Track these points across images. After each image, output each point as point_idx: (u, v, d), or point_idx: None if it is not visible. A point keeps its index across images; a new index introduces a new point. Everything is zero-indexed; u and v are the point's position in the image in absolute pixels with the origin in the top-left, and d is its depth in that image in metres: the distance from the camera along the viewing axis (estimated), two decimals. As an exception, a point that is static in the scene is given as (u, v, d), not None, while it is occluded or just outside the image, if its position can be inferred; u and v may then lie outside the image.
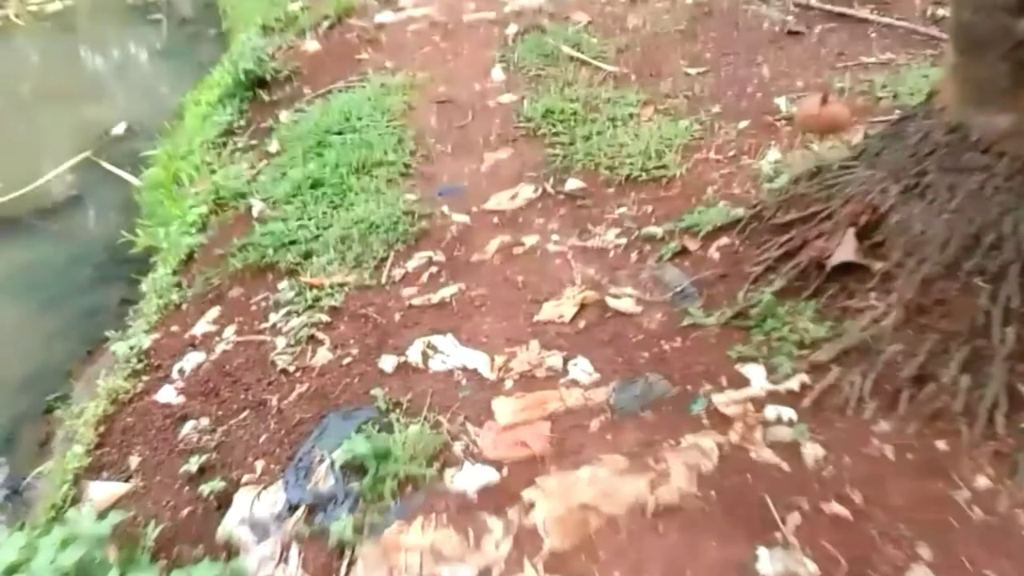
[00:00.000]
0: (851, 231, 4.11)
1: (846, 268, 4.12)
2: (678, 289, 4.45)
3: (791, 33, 7.52)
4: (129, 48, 12.07)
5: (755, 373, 3.88)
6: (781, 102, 6.20)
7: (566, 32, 7.71)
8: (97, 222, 7.57)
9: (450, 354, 4.27)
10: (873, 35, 7.41)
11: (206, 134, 7.67)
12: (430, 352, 4.30)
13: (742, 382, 3.86)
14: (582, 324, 4.36)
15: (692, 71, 6.91)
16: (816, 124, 5.72)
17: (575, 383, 3.99)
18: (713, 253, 4.69)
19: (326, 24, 8.81)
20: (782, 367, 3.86)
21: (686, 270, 4.60)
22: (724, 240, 4.74)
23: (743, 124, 5.96)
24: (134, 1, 12.97)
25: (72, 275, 6.60)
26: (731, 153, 5.62)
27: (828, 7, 7.84)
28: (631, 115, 6.22)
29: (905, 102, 5.96)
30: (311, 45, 8.49)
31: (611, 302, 4.44)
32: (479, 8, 8.67)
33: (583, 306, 4.45)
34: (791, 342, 3.97)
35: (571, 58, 7.23)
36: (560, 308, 4.46)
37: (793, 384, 3.78)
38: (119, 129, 9.10)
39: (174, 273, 5.78)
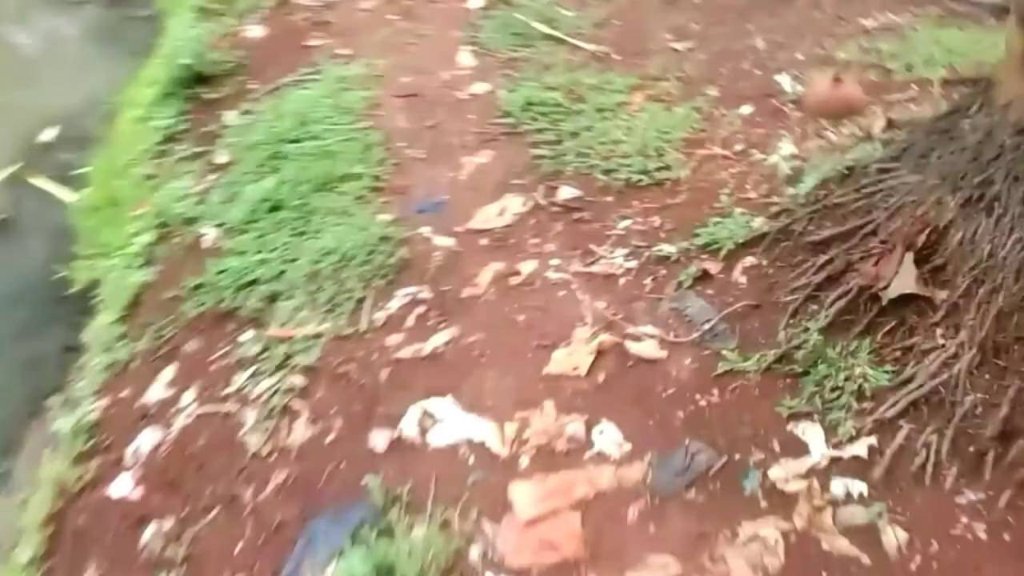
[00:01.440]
0: (909, 256, 3.54)
1: (903, 298, 3.57)
2: (706, 326, 3.87)
3: (780, -6, 6.89)
4: (55, 36, 11.09)
5: (812, 435, 3.35)
6: (784, 81, 5.60)
7: (536, 6, 6.99)
8: (30, 251, 6.78)
9: (452, 423, 3.68)
10: (869, -6, 6.82)
11: (144, 141, 6.88)
12: (428, 422, 3.71)
13: (799, 447, 3.32)
14: (601, 377, 3.78)
15: (680, 46, 6.26)
16: (829, 108, 5.15)
17: (603, 457, 3.42)
18: (739, 277, 4.12)
19: (269, 5, 8.00)
20: (843, 426, 3.33)
21: (711, 300, 4.03)
22: (749, 260, 4.17)
23: (746, 110, 5.36)
24: (56, -18, 11.91)
25: (5, 318, 5.87)
26: (739, 147, 5.03)
27: (817, -37, 7.19)
28: (620, 104, 5.58)
29: (921, 75, 5.41)
30: (254, 31, 7.68)
31: (631, 347, 3.86)
32: (436, -20, 7.91)
33: (600, 353, 3.86)
34: (848, 393, 3.43)
35: (545, 36, 6.54)
36: (573, 357, 3.87)
37: (859, 449, 3.25)
38: (49, 135, 8.24)
39: (119, 320, 5.08)
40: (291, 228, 4.99)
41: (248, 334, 4.43)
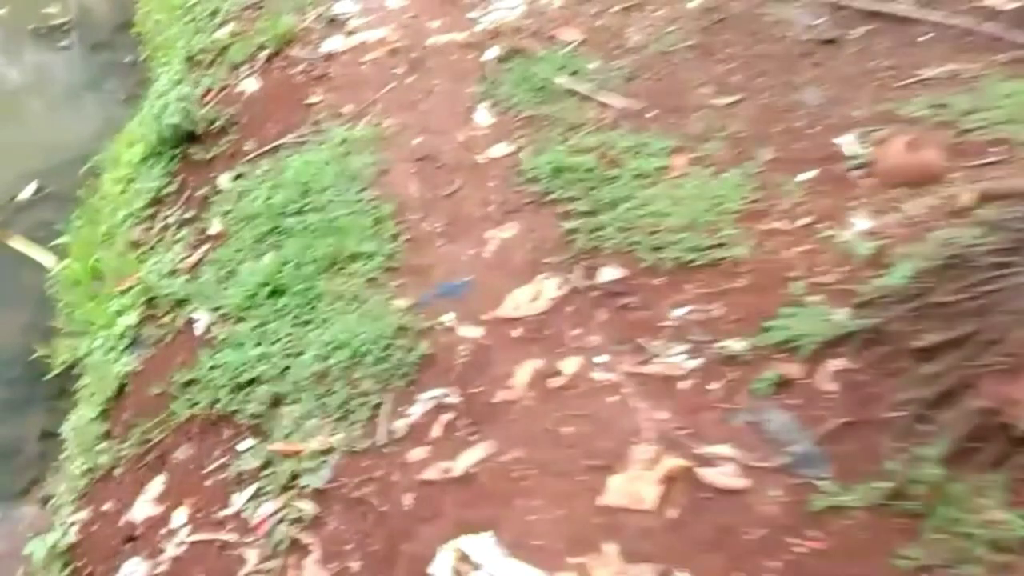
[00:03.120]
0: (1049, 377, 2.94)
1: (1042, 423, 2.96)
2: (794, 447, 3.25)
3: (825, 42, 6.33)
4: (36, 83, 10.57)
5: (946, 598, 2.71)
6: (845, 142, 5.00)
7: (557, 56, 6.41)
8: (7, 322, 6.19)
9: (494, 570, 3.04)
10: (922, 39, 6.26)
11: (130, 205, 6.32)
12: (464, 569, 3.07)
13: (930, 615, 2.69)
14: (672, 512, 3.15)
15: (721, 102, 5.67)
16: (905, 176, 4.54)
17: (686, 626, 2.79)
18: (826, 384, 3.50)
19: (263, 56, 7.41)
20: (985, 588, 2.69)
21: (796, 413, 3.41)
22: (837, 363, 3.55)
23: (807, 176, 4.76)
24: (37, 25, 11.42)
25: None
26: (804, 221, 4.42)
27: (862, 5, 6.62)
28: (661, 169, 4.98)
29: (1003, 135, 4.82)
30: (248, 85, 7.10)
31: (705, 473, 3.23)
32: (445, 27, 7.33)
33: (667, 479, 3.24)
34: (983, 542, 2.79)
35: (570, 91, 5.97)
36: (635, 485, 3.24)
37: (1011, 621, 2.61)
38: (27, 192, 7.69)
39: (101, 416, 4.49)
40: (294, 317, 4.40)
41: (247, 443, 3.83)
